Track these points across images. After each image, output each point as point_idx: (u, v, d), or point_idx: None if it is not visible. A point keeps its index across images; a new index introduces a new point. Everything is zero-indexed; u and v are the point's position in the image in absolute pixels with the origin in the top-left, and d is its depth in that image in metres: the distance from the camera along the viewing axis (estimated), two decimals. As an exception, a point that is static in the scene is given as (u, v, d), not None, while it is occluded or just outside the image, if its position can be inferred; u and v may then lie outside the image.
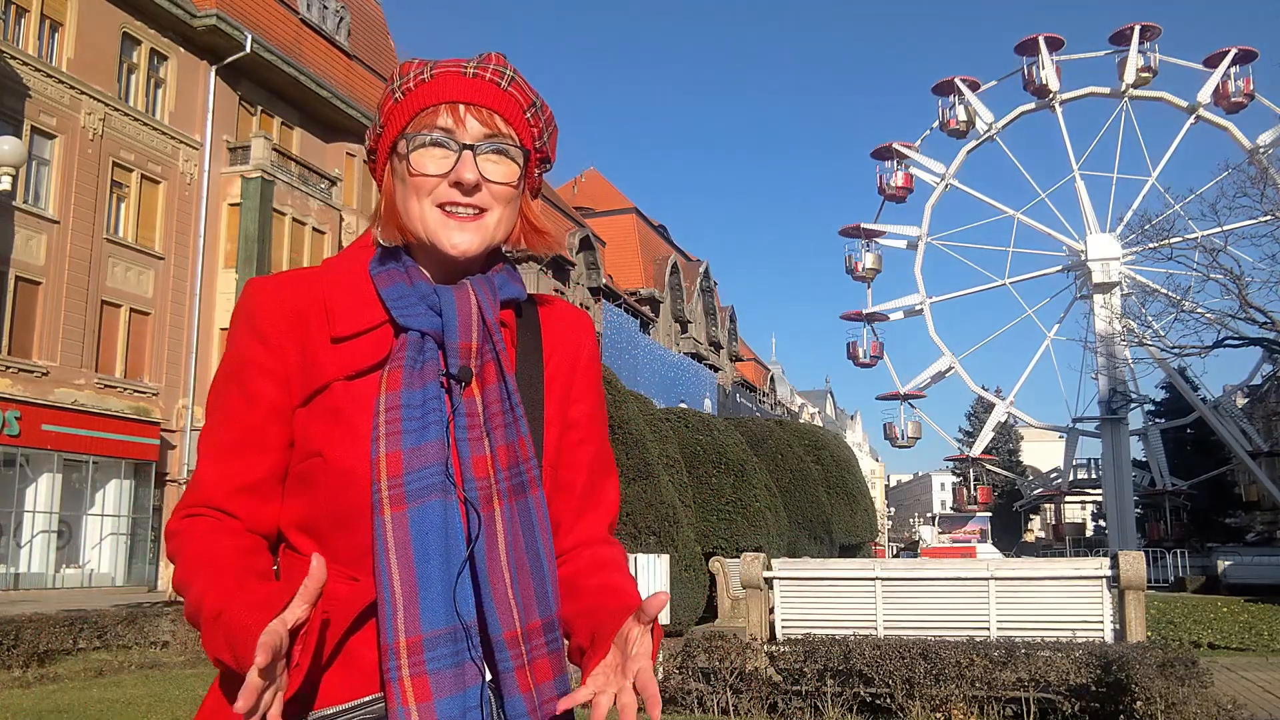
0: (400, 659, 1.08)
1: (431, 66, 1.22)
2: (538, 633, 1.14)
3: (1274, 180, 28.13)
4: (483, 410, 1.18)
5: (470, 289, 1.21)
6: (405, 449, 1.12)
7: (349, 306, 1.20)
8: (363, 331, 1.19)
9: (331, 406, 1.17)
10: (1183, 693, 5.83)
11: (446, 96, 1.19)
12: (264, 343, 1.20)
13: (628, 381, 21.47)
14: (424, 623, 1.09)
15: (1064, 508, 61.68)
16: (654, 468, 14.26)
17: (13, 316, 21.88)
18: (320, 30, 31.56)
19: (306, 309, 1.20)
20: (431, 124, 1.19)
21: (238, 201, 27.32)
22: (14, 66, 22.10)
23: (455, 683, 1.09)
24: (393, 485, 1.11)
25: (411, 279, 1.21)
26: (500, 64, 1.22)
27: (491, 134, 1.20)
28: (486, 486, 1.15)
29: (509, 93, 1.22)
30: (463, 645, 1.10)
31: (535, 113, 1.24)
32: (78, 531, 23.99)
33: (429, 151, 1.19)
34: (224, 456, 1.20)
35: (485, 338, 1.20)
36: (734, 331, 69.52)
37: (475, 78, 1.20)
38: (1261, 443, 46.44)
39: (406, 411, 1.14)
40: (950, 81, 51.13)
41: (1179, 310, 29.16)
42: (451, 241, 1.19)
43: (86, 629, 10.88)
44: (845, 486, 24.95)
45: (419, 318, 1.19)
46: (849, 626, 8.57)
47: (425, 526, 1.11)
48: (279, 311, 1.20)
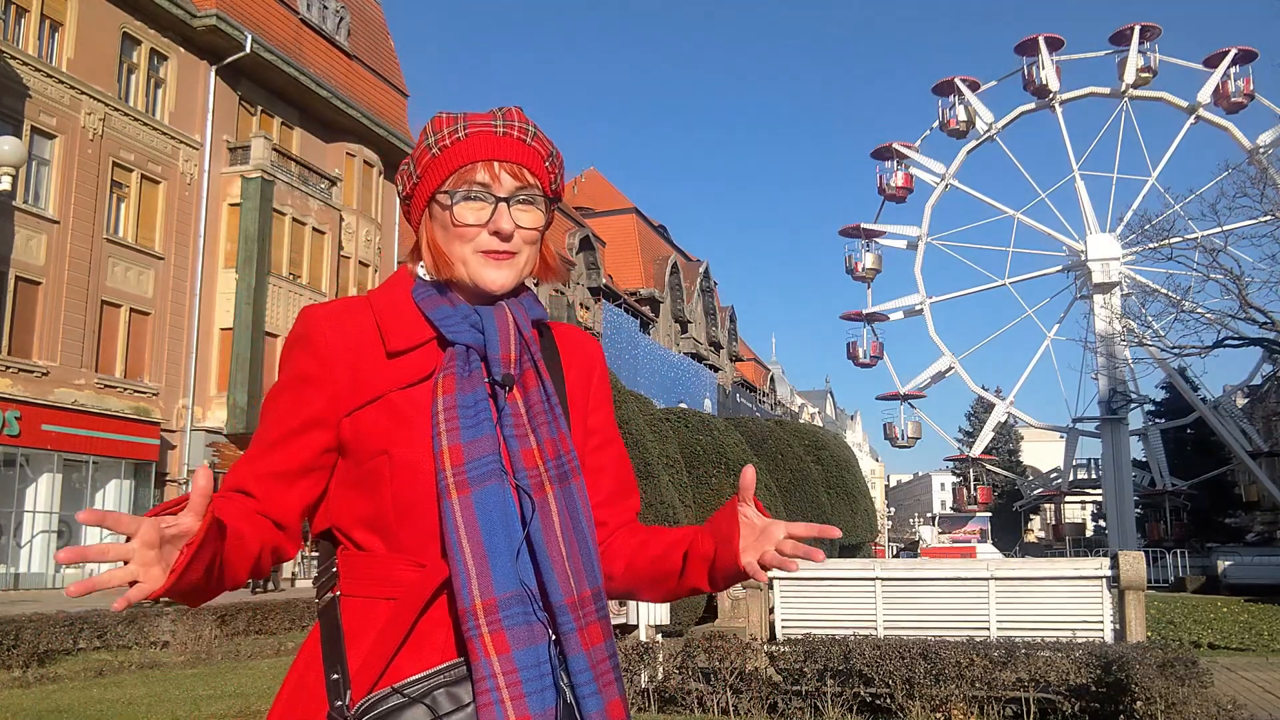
0: (479, 619, 1.22)
1: (464, 124, 1.38)
2: (589, 601, 1.30)
3: (1274, 180, 28.12)
4: (526, 411, 1.36)
5: (507, 309, 1.40)
6: (464, 442, 1.29)
7: (401, 326, 1.38)
8: (414, 347, 1.37)
9: (392, 412, 1.33)
10: (1183, 693, 5.83)
11: (483, 155, 1.37)
12: (319, 360, 1.36)
13: (628, 381, 21.48)
14: (497, 586, 1.23)
15: (1064, 508, 61.67)
16: (654, 468, 14.26)
17: (13, 316, 21.88)
18: (320, 30, 31.56)
19: (360, 331, 1.38)
20: (471, 180, 1.37)
21: (238, 201, 27.31)
22: (14, 66, 22.10)
23: (529, 637, 1.24)
24: (456, 473, 1.27)
25: (454, 302, 1.39)
26: (523, 120, 1.40)
27: (522, 186, 1.38)
28: (537, 475, 1.32)
29: (533, 146, 1.40)
30: (530, 608, 1.25)
31: (552, 161, 1.43)
32: (78, 531, 23.98)
33: (470, 205, 1.37)
34: (261, 451, 1.37)
35: (523, 349, 1.39)
36: (734, 331, 69.53)
37: (505, 136, 1.38)
38: (1261, 443, 46.42)
39: (462, 410, 1.31)
40: (950, 81, 51.10)
41: (1179, 310, 29.14)
42: (491, 278, 1.38)
43: (86, 629, 10.90)
44: (845, 486, 24.95)
45: (464, 333, 1.36)
46: (849, 626, 8.57)
47: (489, 505, 1.27)
48: (336, 333, 1.37)
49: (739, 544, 1.33)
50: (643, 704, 7.51)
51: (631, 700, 7.55)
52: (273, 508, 1.35)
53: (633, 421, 14.44)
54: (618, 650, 1.35)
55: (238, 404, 26.28)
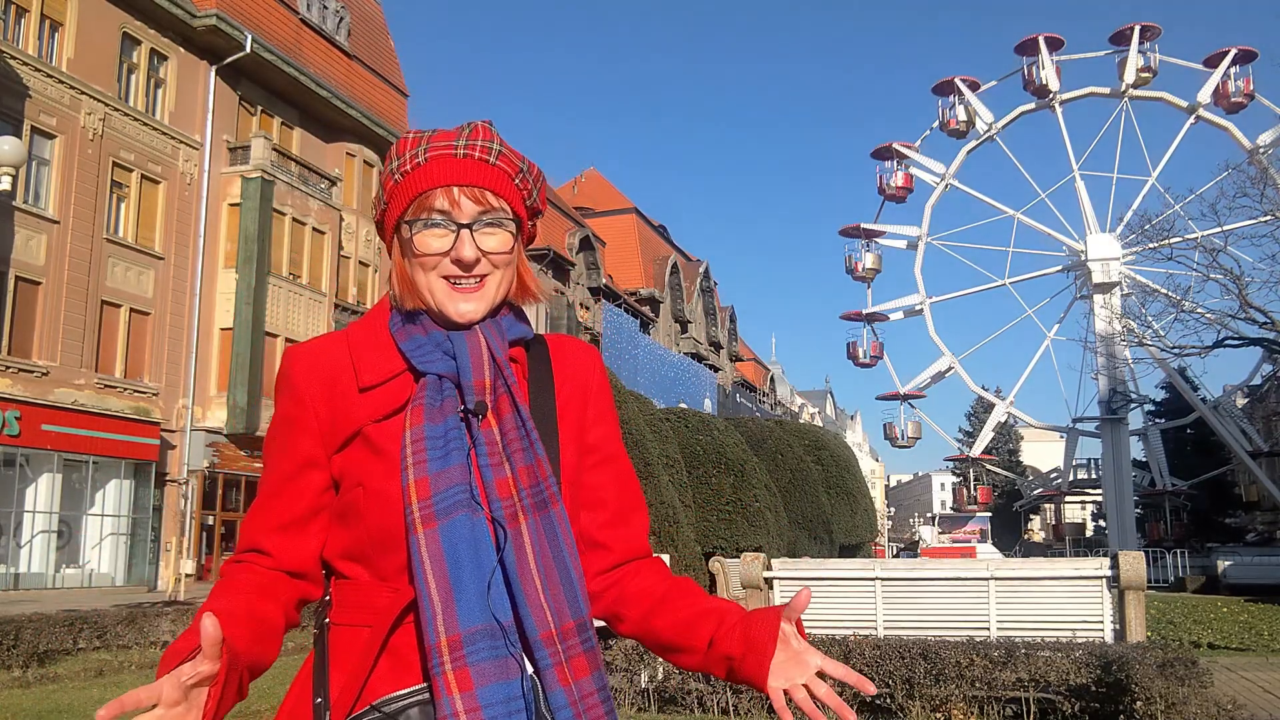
0: (443, 655, 1.19)
1: (425, 148, 1.34)
2: (572, 633, 1.25)
3: (1274, 180, 28.13)
4: (500, 438, 1.31)
5: (480, 333, 1.35)
6: (431, 474, 1.25)
7: (372, 360, 1.36)
8: (386, 380, 1.34)
9: (367, 445, 1.32)
10: (1183, 693, 5.82)
11: (441, 180, 1.32)
12: (298, 402, 1.35)
13: (628, 381, 21.47)
14: (461, 621, 1.19)
15: (1064, 508, 61.72)
16: (654, 468, 14.27)
17: (13, 316, 21.89)
18: (320, 30, 31.56)
19: (336, 369, 1.36)
20: (430, 207, 1.32)
21: (238, 201, 27.31)
22: (14, 66, 22.10)
23: (497, 673, 1.19)
24: (423, 506, 1.24)
25: (426, 330, 1.36)
26: (488, 138, 1.35)
27: (485, 210, 1.33)
28: (511, 505, 1.27)
29: (497, 166, 1.34)
30: (501, 642, 1.21)
31: (523, 177, 1.37)
32: (78, 531, 23.99)
33: (431, 233, 1.32)
34: (265, 503, 1.37)
35: (496, 374, 1.34)
36: (734, 331, 69.53)
37: (465, 158, 1.33)
38: (1261, 443, 46.43)
39: (430, 442, 1.27)
40: (950, 81, 51.12)
41: (1179, 310, 29.15)
42: (458, 310, 1.34)
43: (86, 629, 10.88)
44: (845, 486, 24.96)
45: (435, 362, 1.33)
46: (849, 626, 8.57)
47: (454, 539, 1.23)
48: (311, 375, 1.36)
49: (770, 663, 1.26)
50: (643, 704, 7.52)
51: (631, 700, 7.55)
52: (288, 560, 1.35)
53: (633, 421, 14.44)
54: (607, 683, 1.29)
55: (238, 404, 26.28)
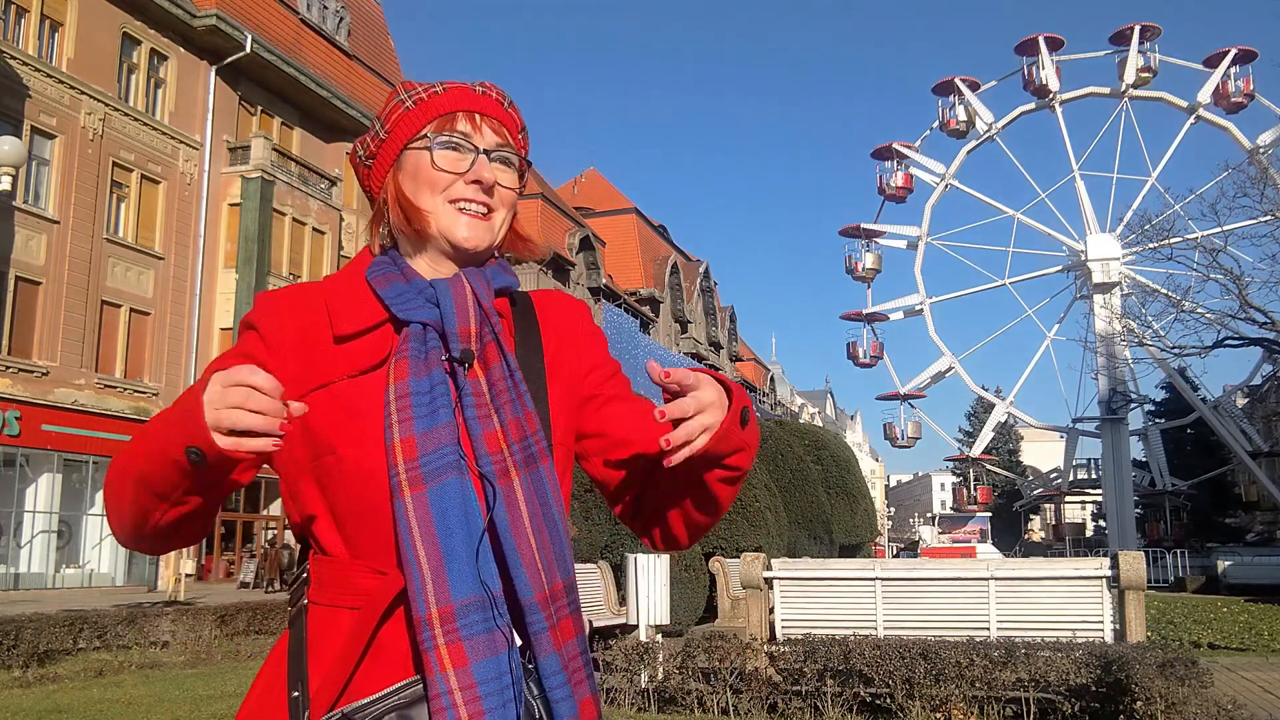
0: (434, 629, 1.12)
1: (442, 84, 1.34)
2: (561, 594, 1.21)
3: (1274, 180, 28.14)
4: (488, 389, 1.24)
5: (464, 279, 1.29)
6: (418, 433, 1.18)
7: (349, 309, 1.28)
8: (364, 330, 1.26)
9: (341, 405, 1.22)
10: (1183, 693, 5.82)
11: (466, 105, 1.32)
12: (263, 343, 1.27)
13: (628, 381, 21.46)
14: (454, 592, 1.13)
15: (1064, 508, 61.72)
16: (654, 468, 14.24)
17: (13, 316, 21.89)
18: (320, 30, 31.57)
19: (310, 316, 1.28)
20: (453, 127, 1.31)
21: (238, 201, 27.33)
22: (14, 66, 22.11)
23: (489, 647, 1.13)
24: (410, 468, 1.16)
25: (408, 277, 1.29)
26: (499, 90, 1.37)
27: (503, 143, 1.33)
28: (501, 460, 1.21)
29: (509, 112, 1.36)
30: (490, 614, 1.15)
31: (524, 134, 1.39)
32: (78, 531, 24.00)
33: (449, 154, 1.30)
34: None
35: (483, 321, 1.27)
36: (734, 331, 69.52)
37: (484, 95, 1.34)
38: (1261, 443, 46.43)
39: (415, 399, 1.20)
40: (950, 81, 51.13)
41: (1179, 310, 29.16)
42: (463, 235, 1.29)
43: (86, 629, 10.89)
44: (845, 486, 24.95)
45: (418, 310, 1.26)
46: (849, 626, 8.57)
47: (445, 503, 1.16)
48: (282, 317, 1.28)
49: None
50: (643, 704, 7.51)
51: (631, 700, 7.55)
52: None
53: (633, 421, 14.43)
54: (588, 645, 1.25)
55: (238, 404, 26.25)
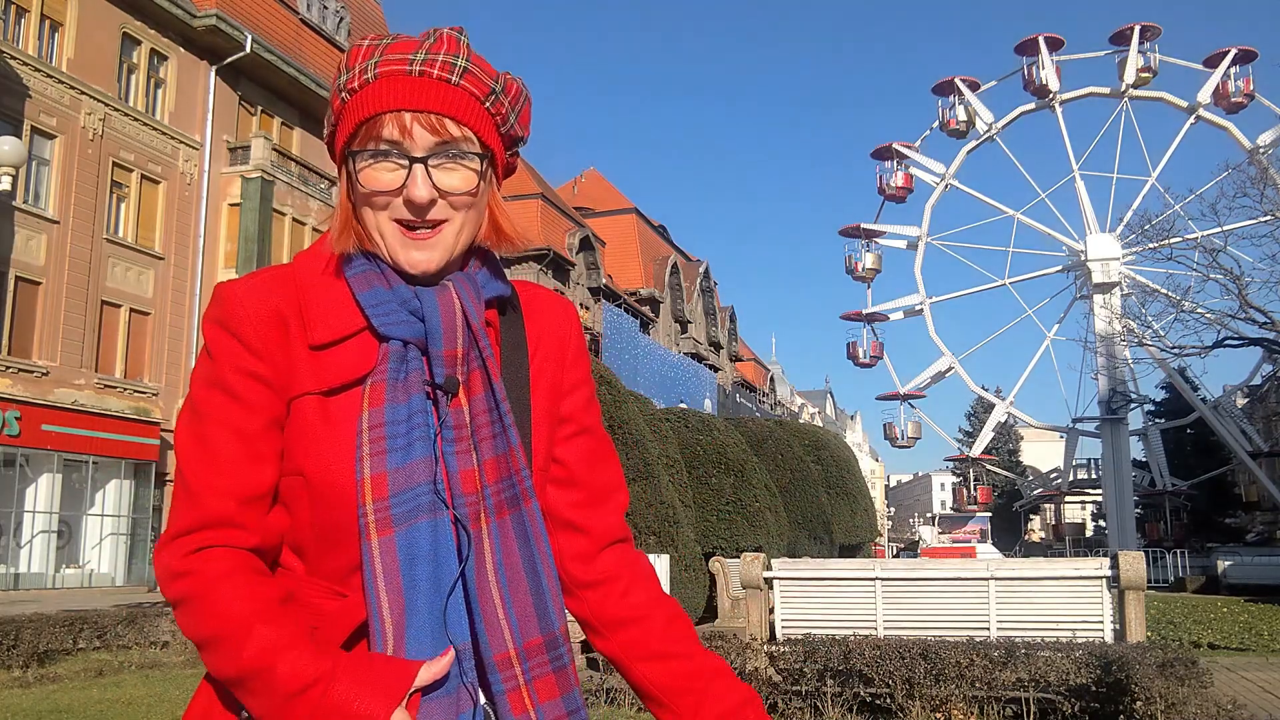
0: None
1: (376, 61, 1.11)
2: (538, 650, 1.10)
3: (1274, 180, 28.14)
4: (470, 421, 1.12)
5: (453, 290, 1.14)
6: (390, 469, 1.06)
7: (326, 311, 1.12)
8: (341, 339, 1.12)
9: (311, 421, 1.10)
10: (1183, 693, 5.82)
11: (390, 104, 1.09)
12: (249, 348, 1.10)
13: (628, 381, 21.47)
14: (410, 652, 1.04)
15: (1064, 508, 61.68)
16: (654, 468, 14.26)
17: (13, 316, 21.88)
18: (320, 30, 31.57)
19: (285, 311, 1.12)
20: (378, 135, 1.10)
21: (238, 201, 27.32)
22: (14, 66, 22.10)
23: (445, 711, 1.05)
24: (379, 508, 1.06)
25: (390, 282, 1.14)
26: (452, 52, 1.11)
27: (443, 141, 1.11)
28: (474, 503, 1.10)
29: (462, 87, 1.11)
30: (453, 671, 1.06)
31: (496, 99, 1.14)
32: (78, 531, 23.99)
33: (379, 166, 1.11)
34: (229, 468, 1.09)
35: (471, 343, 1.14)
36: (734, 331, 69.51)
37: (422, 76, 1.10)
38: (1261, 443, 46.42)
39: (391, 429, 1.08)
40: (950, 81, 51.12)
41: (1179, 310, 29.15)
42: (410, 259, 1.12)
43: (86, 629, 10.88)
44: (845, 486, 24.96)
45: (400, 325, 1.12)
46: (849, 626, 8.57)
47: (413, 552, 1.06)
48: (259, 314, 1.11)
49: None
50: (643, 704, 7.50)
51: (631, 700, 7.54)
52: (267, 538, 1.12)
53: (633, 421, 14.44)
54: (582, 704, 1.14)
55: (238, 404, 26.27)
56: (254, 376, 1.10)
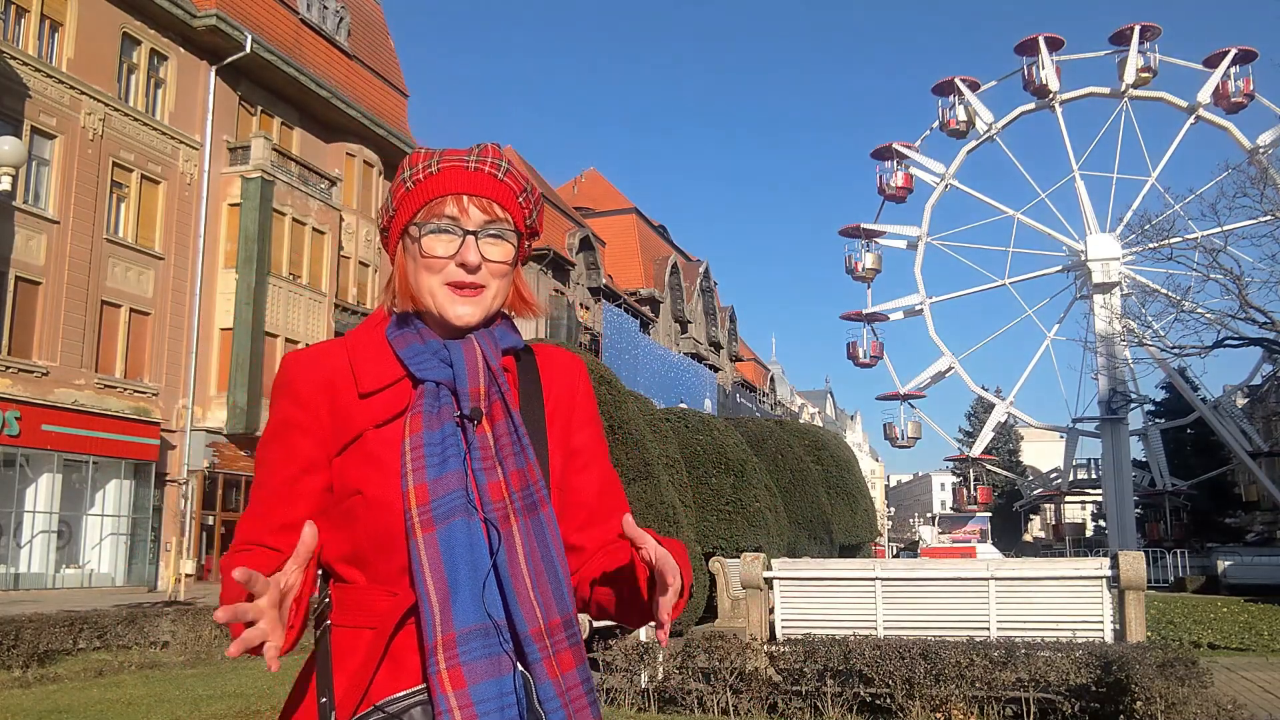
0: (438, 655, 1.27)
1: (438, 159, 1.43)
2: (559, 628, 1.33)
3: (1274, 180, 28.15)
4: (494, 443, 1.39)
5: (475, 342, 1.43)
6: (429, 480, 1.32)
7: (372, 366, 1.42)
8: (385, 386, 1.41)
9: (366, 452, 1.38)
10: (1183, 693, 5.82)
11: (452, 189, 1.41)
12: (300, 406, 1.41)
13: (628, 381, 21.45)
14: (457, 621, 1.28)
15: (1064, 508, 61.68)
16: (654, 468, 14.26)
17: (13, 316, 21.88)
18: (320, 30, 31.56)
19: (335, 374, 1.42)
20: (440, 213, 1.41)
21: (238, 201, 27.31)
22: (14, 66, 22.10)
23: (490, 670, 1.28)
24: (422, 511, 1.31)
25: (424, 338, 1.43)
26: (497, 156, 1.44)
27: (491, 220, 1.42)
28: (503, 506, 1.35)
29: (504, 182, 1.43)
30: (494, 640, 1.29)
31: (526, 196, 1.46)
32: (78, 531, 23.99)
33: (438, 237, 1.41)
34: (267, 502, 1.41)
35: (491, 382, 1.41)
36: (734, 331, 69.53)
37: (476, 170, 1.42)
38: (1261, 443, 46.39)
39: (428, 449, 1.34)
40: (950, 81, 51.11)
41: (1179, 310, 29.16)
42: (456, 313, 1.41)
43: (86, 629, 10.89)
44: (845, 486, 24.97)
45: (433, 370, 1.40)
46: (849, 626, 8.57)
47: (452, 542, 1.31)
48: (311, 379, 1.42)
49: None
50: (643, 704, 7.52)
51: (631, 700, 7.55)
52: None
53: (633, 421, 14.43)
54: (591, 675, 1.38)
55: (237, 404, 26.28)
56: (298, 429, 1.41)
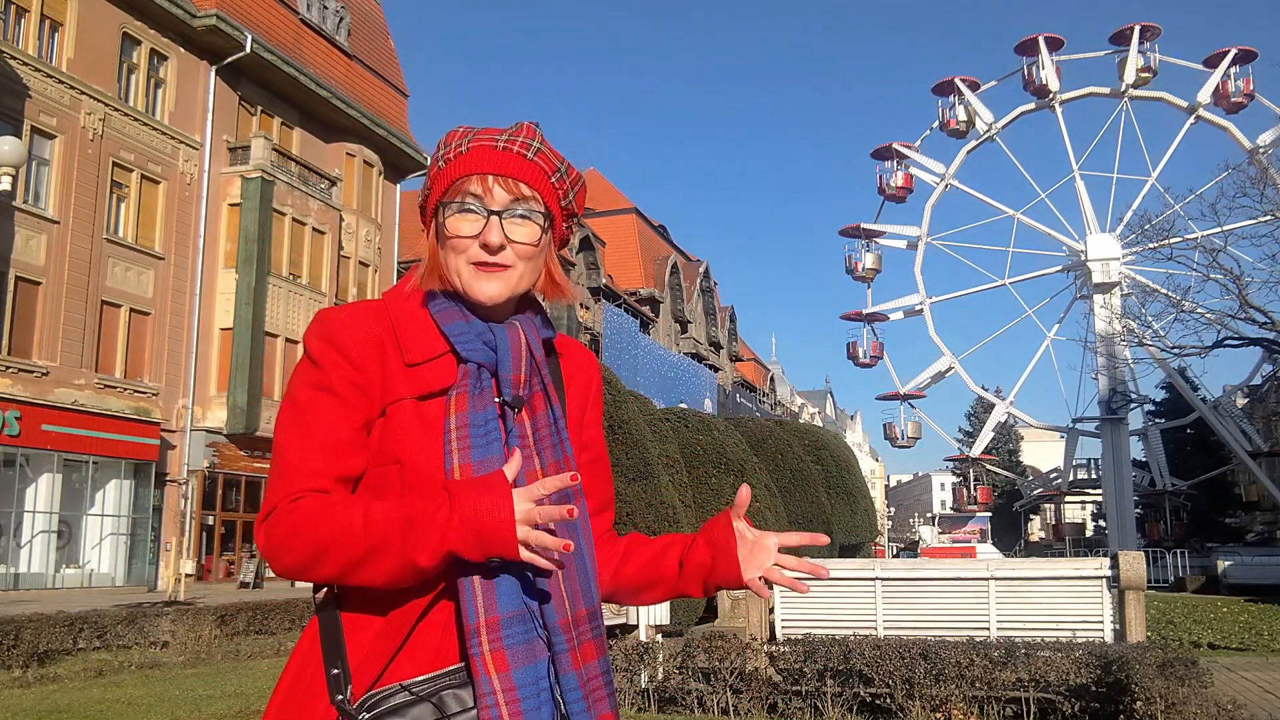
0: (481, 636, 1.26)
1: (470, 139, 1.42)
2: (584, 620, 1.35)
3: (1274, 180, 28.15)
4: (532, 432, 1.39)
5: (520, 329, 1.42)
6: (475, 460, 1.32)
7: (417, 338, 1.40)
8: (430, 359, 1.39)
9: (406, 421, 1.36)
10: (1183, 693, 5.82)
11: (477, 169, 1.39)
12: (350, 361, 1.36)
13: (628, 381, 21.46)
14: (500, 605, 1.27)
15: (1064, 508, 61.72)
16: (654, 468, 14.26)
17: (13, 316, 21.88)
18: (320, 30, 31.55)
19: (382, 335, 1.39)
20: (465, 191, 1.39)
21: (238, 201, 27.31)
22: (14, 66, 22.10)
23: (528, 655, 1.28)
24: None
25: (468, 318, 1.41)
26: (529, 136, 1.42)
27: (516, 199, 1.39)
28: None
29: (534, 162, 1.41)
30: (531, 626, 1.30)
31: (560, 176, 1.44)
32: (78, 531, 23.99)
33: (463, 217, 1.40)
34: (328, 452, 1.34)
35: (533, 371, 1.42)
36: (734, 331, 69.52)
37: (504, 150, 1.40)
38: (1261, 443, 46.37)
39: (474, 429, 1.34)
40: (950, 81, 51.09)
41: (1179, 310, 29.17)
42: (481, 290, 1.39)
43: (86, 629, 10.89)
44: (845, 486, 24.98)
45: (477, 351, 1.39)
46: (849, 626, 8.58)
47: None
48: (360, 335, 1.38)
49: (738, 558, 1.42)
50: (643, 704, 7.52)
51: (631, 700, 7.55)
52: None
53: (633, 421, 14.43)
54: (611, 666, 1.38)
55: (237, 404, 26.28)
56: (354, 385, 1.36)
